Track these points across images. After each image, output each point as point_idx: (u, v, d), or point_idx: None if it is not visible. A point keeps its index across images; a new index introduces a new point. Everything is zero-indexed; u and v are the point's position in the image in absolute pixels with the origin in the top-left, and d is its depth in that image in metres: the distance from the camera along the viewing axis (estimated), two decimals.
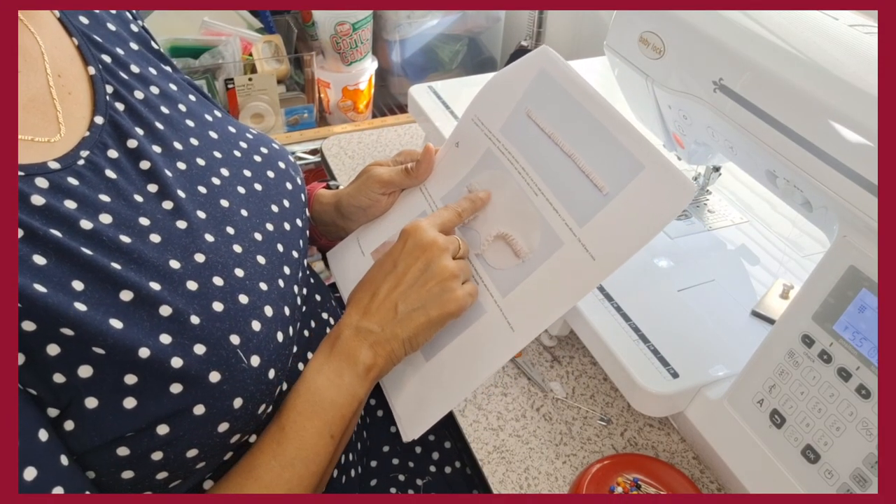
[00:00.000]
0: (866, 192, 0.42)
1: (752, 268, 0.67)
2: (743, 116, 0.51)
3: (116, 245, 0.40)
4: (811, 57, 0.47)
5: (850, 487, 0.45)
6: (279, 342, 0.45)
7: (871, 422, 0.44)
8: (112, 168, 0.44)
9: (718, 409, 0.53)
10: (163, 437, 0.38)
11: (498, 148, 0.57)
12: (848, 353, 0.45)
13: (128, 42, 0.52)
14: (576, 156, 0.51)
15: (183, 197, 0.46)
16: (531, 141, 0.55)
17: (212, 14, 1.19)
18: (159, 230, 0.43)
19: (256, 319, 0.43)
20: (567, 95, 0.53)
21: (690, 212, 0.73)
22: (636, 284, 0.63)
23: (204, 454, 0.41)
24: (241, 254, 0.46)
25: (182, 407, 0.39)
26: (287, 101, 1.21)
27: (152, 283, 0.40)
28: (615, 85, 0.71)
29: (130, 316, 0.38)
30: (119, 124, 0.46)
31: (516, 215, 0.54)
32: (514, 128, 0.56)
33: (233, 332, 0.42)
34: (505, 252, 0.54)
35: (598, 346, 0.58)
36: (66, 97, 0.45)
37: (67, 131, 0.44)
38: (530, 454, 0.59)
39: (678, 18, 0.56)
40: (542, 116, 0.54)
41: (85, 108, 0.45)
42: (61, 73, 0.45)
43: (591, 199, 0.49)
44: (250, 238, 0.48)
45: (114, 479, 0.39)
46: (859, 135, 0.43)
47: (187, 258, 0.43)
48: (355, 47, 1.19)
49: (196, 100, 0.55)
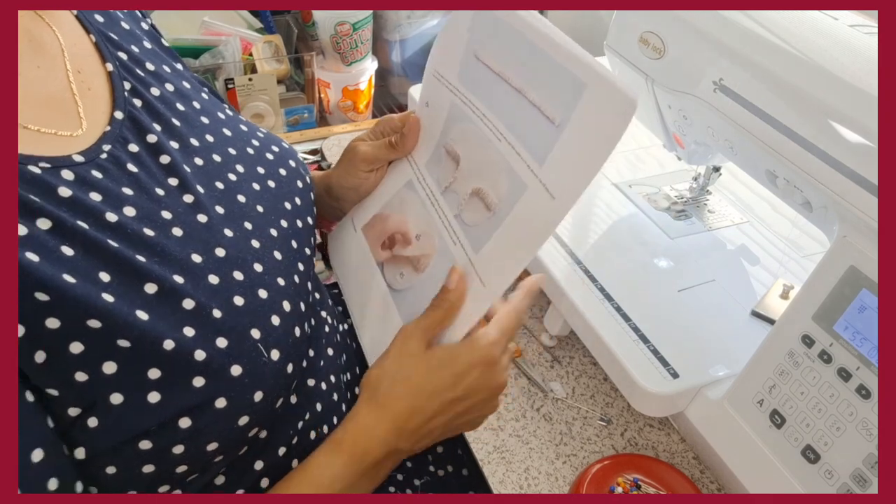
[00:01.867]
0: (866, 192, 0.42)
1: (752, 268, 0.67)
2: (743, 116, 0.51)
3: (140, 238, 0.41)
4: (811, 57, 0.47)
5: (850, 487, 0.45)
6: (297, 337, 0.45)
7: (871, 422, 0.44)
8: (133, 162, 0.44)
9: (718, 409, 0.53)
10: (185, 430, 0.39)
11: (460, 99, 0.55)
12: (848, 354, 0.45)
13: (141, 40, 0.53)
14: (525, 89, 0.48)
15: (202, 192, 0.46)
16: (485, 84, 0.52)
17: (212, 14, 1.19)
18: (181, 224, 0.43)
19: (276, 314, 0.44)
20: (505, 26, 0.50)
21: (690, 212, 0.73)
22: (636, 284, 0.63)
23: (223, 447, 0.42)
24: (259, 249, 0.47)
25: (204, 400, 0.39)
26: (287, 101, 1.21)
27: (176, 276, 0.40)
28: None
29: (155, 308, 0.39)
30: (138, 119, 0.46)
31: (486, 166, 0.51)
32: (468, 73, 0.54)
33: (254, 326, 0.42)
34: (478, 207, 0.51)
35: (598, 346, 0.58)
36: (86, 93, 0.45)
37: (89, 126, 0.44)
38: (530, 454, 0.59)
39: (678, 18, 0.56)
40: (488, 55, 0.51)
41: (104, 103, 0.46)
42: (80, 69, 0.46)
43: (546, 133, 0.46)
44: (267, 234, 0.48)
45: (134, 474, 0.39)
46: (859, 135, 0.43)
47: (208, 252, 0.43)
48: (355, 47, 1.19)
49: (208, 98, 0.55)
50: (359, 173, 0.61)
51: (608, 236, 0.70)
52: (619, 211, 0.73)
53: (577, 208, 0.73)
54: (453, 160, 0.55)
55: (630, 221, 0.72)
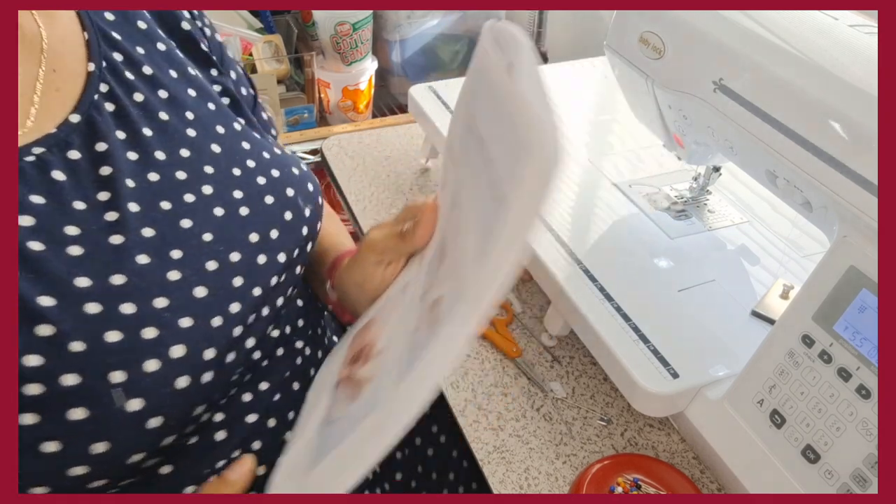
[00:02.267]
0: (866, 192, 0.42)
1: (752, 268, 0.67)
2: (743, 116, 0.51)
3: (22, 250, 0.38)
4: (811, 57, 0.47)
5: (850, 487, 0.45)
6: (177, 388, 0.40)
7: (871, 422, 0.44)
8: (63, 169, 0.42)
9: (718, 409, 0.53)
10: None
11: (454, 176, 0.46)
12: (848, 354, 0.45)
13: (155, 42, 0.50)
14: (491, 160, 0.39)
15: (135, 211, 0.43)
16: (472, 153, 0.43)
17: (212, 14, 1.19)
18: (84, 243, 0.40)
19: (156, 358, 0.39)
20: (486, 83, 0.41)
21: (690, 212, 0.73)
22: (636, 284, 0.63)
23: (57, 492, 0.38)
24: (174, 282, 0.42)
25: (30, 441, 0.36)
26: (287, 101, 1.21)
27: (44, 297, 0.37)
28: (615, 85, 0.71)
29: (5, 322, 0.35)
30: (96, 125, 0.44)
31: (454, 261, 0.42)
32: (464, 144, 0.45)
33: (119, 367, 0.38)
34: (433, 320, 0.40)
35: (598, 346, 0.58)
36: (52, 93, 0.43)
37: (33, 127, 0.42)
38: (530, 454, 0.59)
39: (678, 18, 0.56)
40: (479, 122, 0.43)
41: (70, 105, 0.44)
42: (57, 67, 0.44)
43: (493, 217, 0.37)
44: (198, 266, 0.44)
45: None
46: (859, 135, 0.43)
47: (101, 278, 0.40)
48: (355, 47, 1.19)
49: (216, 108, 0.51)
50: (366, 266, 0.51)
51: (608, 236, 0.70)
52: (619, 211, 0.73)
53: (578, 208, 0.73)
54: (441, 256, 0.45)
55: (630, 221, 0.72)
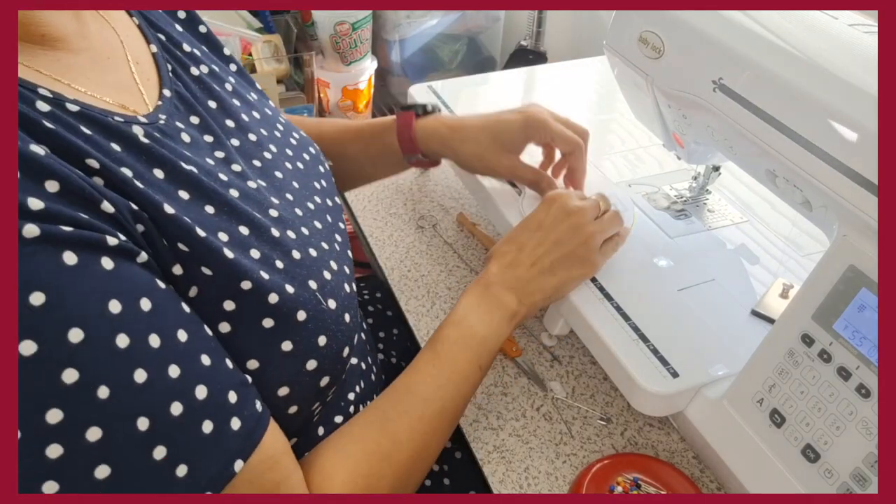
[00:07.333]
0: (866, 192, 0.43)
1: (751, 267, 0.67)
2: (743, 116, 0.51)
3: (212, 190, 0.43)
4: (811, 57, 0.47)
5: (850, 487, 0.45)
6: (347, 292, 0.49)
7: (871, 421, 0.44)
8: (186, 133, 0.47)
9: (718, 408, 0.54)
10: (252, 371, 0.41)
11: None
12: (848, 353, 0.45)
13: (173, 24, 0.56)
14: None
15: (244, 168, 0.49)
16: None
17: (211, 14, 1.19)
18: (236, 187, 0.46)
19: (326, 270, 0.47)
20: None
21: (690, 211, 0.73)
22: (636, 284, 0.63)
23: (294, 394, 0.44)
24: (302, 216, 0.50)
25: (272, 342, 0.42)
26: (287, 101, 1.21)
27: (241, 227, 0.44)
28: (615, 85, 0.71)
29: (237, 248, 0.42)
30: (184, 98, 0.49)
31: None
32: None
33: (310, 277, 0.45)
34: None
35: (598, 345, 0.58)
36: (145, 82, 0.48)
37: (151, 105, 0.47)
38: (530, 454, 0.59)
39: (678, 18, 0.56)
40: None
41: (156, 84, 0.49)
42: (138, 60, 0.48)
43: None
44: (305, 206, 0.52)
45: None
46: (859, 135, 0.43)
47: (264, 212, 0.46)
48: (355, 47, 1.19)
49: (236, 81, 0.57)
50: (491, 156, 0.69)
51: None
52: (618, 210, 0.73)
53: None
54: None
55: (630, 221, 0.72)
